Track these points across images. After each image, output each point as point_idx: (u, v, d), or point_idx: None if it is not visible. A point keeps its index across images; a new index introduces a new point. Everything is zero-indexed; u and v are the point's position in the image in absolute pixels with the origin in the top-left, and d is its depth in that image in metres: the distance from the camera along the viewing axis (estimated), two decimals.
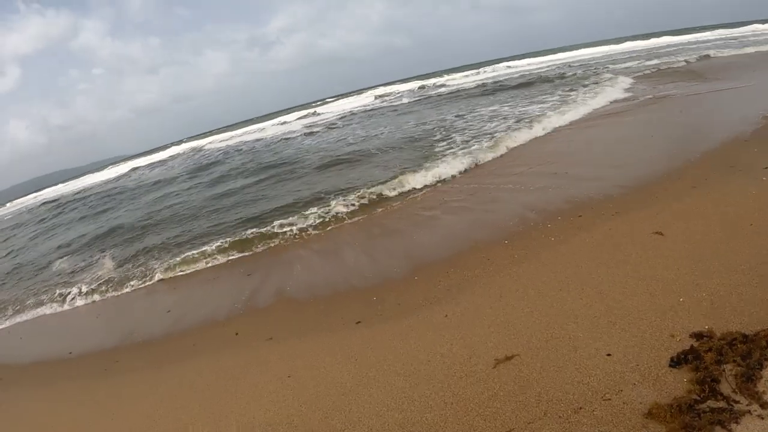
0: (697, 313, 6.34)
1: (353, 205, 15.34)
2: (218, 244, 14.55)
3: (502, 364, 6.53)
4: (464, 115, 30.63)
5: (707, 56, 40.99)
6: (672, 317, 6.61)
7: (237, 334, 9.41)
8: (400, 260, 11.13)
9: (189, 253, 14.51)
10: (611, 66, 45.04)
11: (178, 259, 14.43)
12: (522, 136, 19.68)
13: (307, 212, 15.46)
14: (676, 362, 5.80)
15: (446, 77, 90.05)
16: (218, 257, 14.03)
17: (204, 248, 14.54)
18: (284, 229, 14.49)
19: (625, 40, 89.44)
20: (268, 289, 11.27)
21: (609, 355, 6.25)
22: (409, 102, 54.69)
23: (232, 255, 14.07)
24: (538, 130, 20.39)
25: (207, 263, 13.91)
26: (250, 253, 14.01)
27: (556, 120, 21.63)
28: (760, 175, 10.66)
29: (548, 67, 66.11)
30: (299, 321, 9.33)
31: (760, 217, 8.70)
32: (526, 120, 22.77)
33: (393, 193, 15.88)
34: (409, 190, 16.12)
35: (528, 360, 6.52)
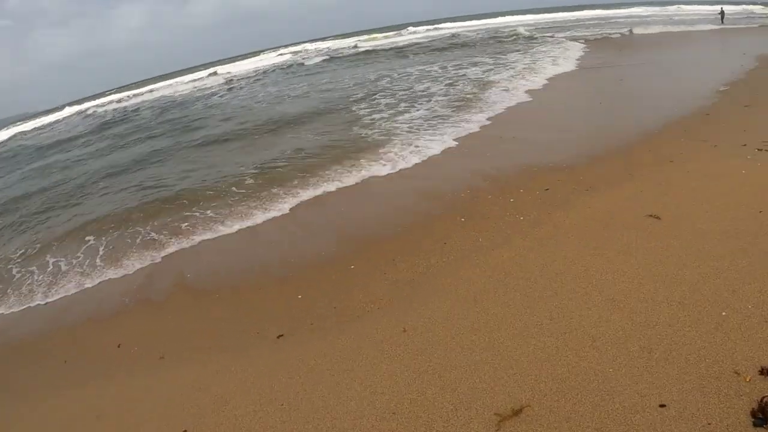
0: (752, 334, 5.17)
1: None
2: None
3: (509, 422, 4.55)
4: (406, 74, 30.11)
5: (639, 31, 43.31)
6: (723, 341, 5.14)
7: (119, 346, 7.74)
8: (330, 240, 9.41)
9: None
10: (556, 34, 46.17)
11: None
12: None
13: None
14: (763, 420, 4.34)
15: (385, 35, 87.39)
16: None
17: None
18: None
19: (549, 11, 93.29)
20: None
21: (663, 406, 4.53)
22: (330, 60, 54.08)
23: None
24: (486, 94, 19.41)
25: None
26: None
27: (505, 83, 21.11)
28: (743, 153, 10.01)
29: (476, 31, 67.30)
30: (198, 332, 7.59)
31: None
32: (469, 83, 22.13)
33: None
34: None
35: (544, 414, 4.55)
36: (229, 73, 66.67)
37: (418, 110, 18.50)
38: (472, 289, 6.71)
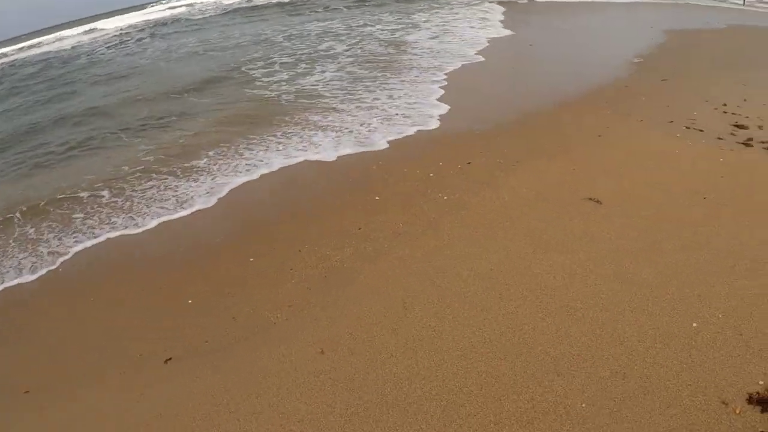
0: (730, 351, 4.80)
1: None
2: None
3: None
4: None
5: None
6: (701, 360, 4.73)
7: None
8: (226, 227, 8.05)
9: None
10: None
11: None
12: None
13: None
14: None
15: None
16: None
17: None
18: None
19: None
20: None
21: None
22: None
23: None
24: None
25: None
26: None
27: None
28: (672, 131, 9.95)
29: None
30: None
31: (708, 184, 7.86)
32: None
33: None
34: None
35: None
36: (116, 27, 58.83)
37: (324, 71, 16.97)
38: (399, 292, 5.78)
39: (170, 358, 5.39)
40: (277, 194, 8.58)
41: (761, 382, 4.45)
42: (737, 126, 10.27)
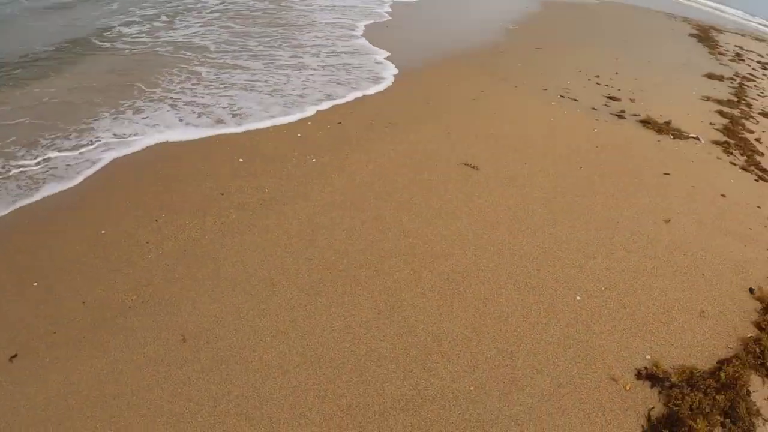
0: (615, 325, 5.06)
1: None
2: None
3: None
4: None
5: None
6: (587, 336, 4.91)
7: None
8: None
9: None
10: None
11: None
12: None
13: None
14: None
15: None
16: None
17: None
18: None
19: None
20: None
21: None
22: None
23: None
24: None
25: None
26: None
27: None
28: (547, 98, 10.37)
29: None
30: None
31: (583, 154, 8.28)
32: None
33: None
34: None
35: None
36: None
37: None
38: (266, 266, 5.42)
39: (15, 355, 4.61)
40: (134, 161, 7.66)
41: (648, 357, 4.65)
42: (610, 98, 10.93)
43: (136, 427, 3.88)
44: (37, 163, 7.14)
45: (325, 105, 9.15)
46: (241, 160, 7.30)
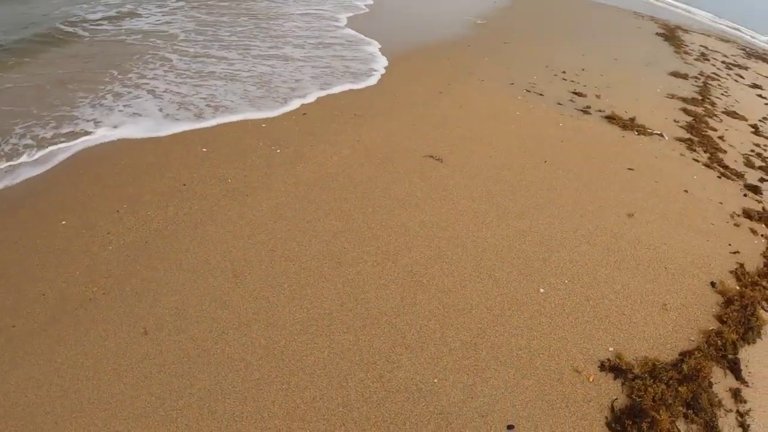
0: (578, 317, 5.12)
1: None
2: None
3: None
4: None
5: None
6: (550, 328, 4.96)
7: None
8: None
9: None
10: None
11: None
12: None
13: None
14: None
15: None
16: None
17: None
18: None
19: None
20: None
21: (511, 428, 3.92)
22: None
23: None
24: None
25: None
26: None
27: None
28: (513, 93, 10.43)
29: None
30: None
31: (548, 148, 8.36)
32: None
33: None
34: None
35: None
36: None
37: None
38: (228, 257, 5.35)
39: None
40: (100, 152, 7.43)
41: (611, 349, 4.69)
42: (576, 93, 11.03)
43: (97, 422, 3.81)
44: (4, 151, 6.96)
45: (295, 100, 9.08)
46: (204, 150, 7.18)
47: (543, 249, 5.80)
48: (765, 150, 9.73)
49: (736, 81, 14.97)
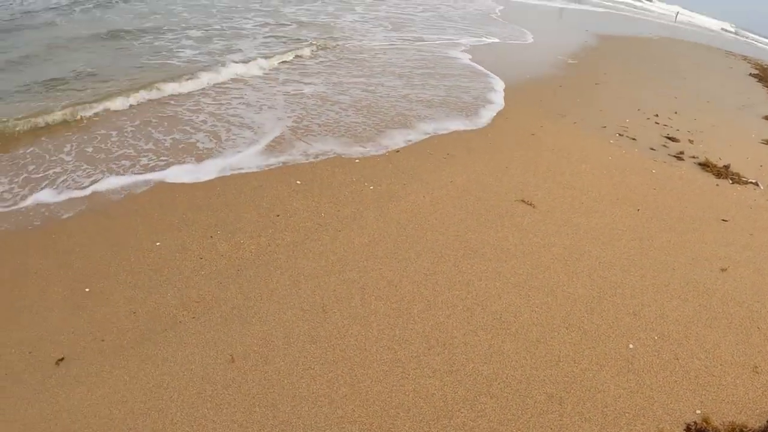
0: (667, 377, 4.80)
1: None
2: None
3: None
4: None
5: None
6: (638, 386, 4.68)
7: None
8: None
9: None
10: None
11: None
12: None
13: None
14: None
15: None
16: None
17: None
18: None
19: None
20: None
21: None
22: None
23: None
24: None
25: None
26: None
27: None
28: (605, 136, 10.14)
29: None
30: None
31: (640, 196, 8.02)
32: None
33: None
34: None
35: None
36: None
37: None
38: (319, 292, 5.36)
39: (62, 359, 4.61)
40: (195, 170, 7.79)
41: (698, 412, 4.43)
42: (669, 138, 10.62)
43: None
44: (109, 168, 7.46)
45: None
46: (299, 182, 7.33)
47: (634, 302, 5.57)
48: None
49: None
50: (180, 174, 7.52)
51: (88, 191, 7.06)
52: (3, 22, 16.79)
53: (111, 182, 7.28)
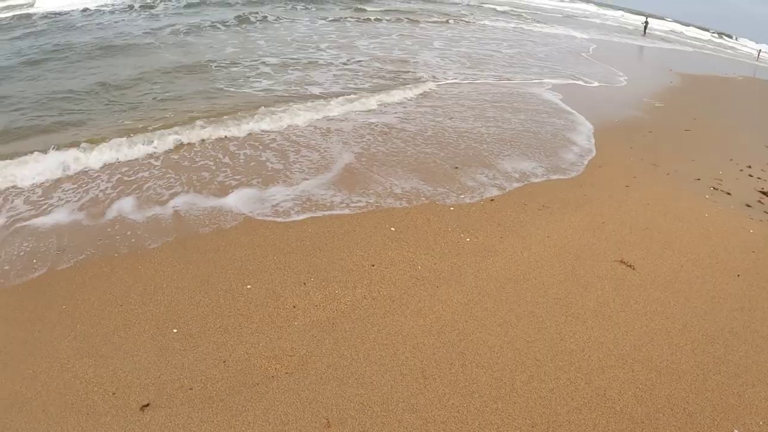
0: None
1: None
2: None
3: None
4: None
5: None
6: None
7: None
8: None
9: None
10: None
11: None
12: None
13: None
14: None
15: None
16: None
17: None
18: None
19: None
20: None
21: None
22: None
23: None
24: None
25: None
26: None
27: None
28: (700, 190, 9.76)
29: None
30: None
31: (740, 259, 7.57)
32: None
33: None
34: None
35: None
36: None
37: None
38: (418, 355, 5.16)
39: (147, 405, 4.47)
40: (289, 211, 7.70)
41: None
42: (764, 193, 10.12)
43: None
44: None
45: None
46: (393, 229, 7.20)
47: (739, 382, 5.22)
48: None
49: None
50: (267, 209, 7.57)
51: (172, 220, 7.19)
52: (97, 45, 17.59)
53: (197, 212, 7.38)
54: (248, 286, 5.86)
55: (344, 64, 17.08)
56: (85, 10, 26.82)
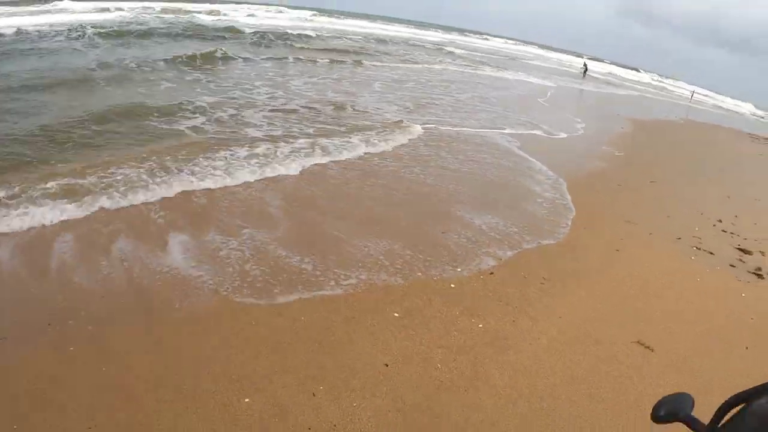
0: None
1: None
2: None
3: None
4: None
5: None
6: None
7: None
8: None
9: None
10: None
11: None
12: None
13: None
14: None
15: None
16: None
17: None
18: None
19: None
20: None
21: None
22: None
23: None
24: None
25: None
26: None
27: None
28: (684, 251, 9.61)
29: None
30: None
31: (741, 328, 7.31)
32: None
33: None
34: None
35: None
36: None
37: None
38: None
39: None
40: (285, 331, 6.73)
41: None
42: (742, 251, 10.01)
43: None
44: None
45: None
46: (396, 314, 6.32)
47: None
48: None
49: None
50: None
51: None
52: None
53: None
54: (246, 400, 4.70)
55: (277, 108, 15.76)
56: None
